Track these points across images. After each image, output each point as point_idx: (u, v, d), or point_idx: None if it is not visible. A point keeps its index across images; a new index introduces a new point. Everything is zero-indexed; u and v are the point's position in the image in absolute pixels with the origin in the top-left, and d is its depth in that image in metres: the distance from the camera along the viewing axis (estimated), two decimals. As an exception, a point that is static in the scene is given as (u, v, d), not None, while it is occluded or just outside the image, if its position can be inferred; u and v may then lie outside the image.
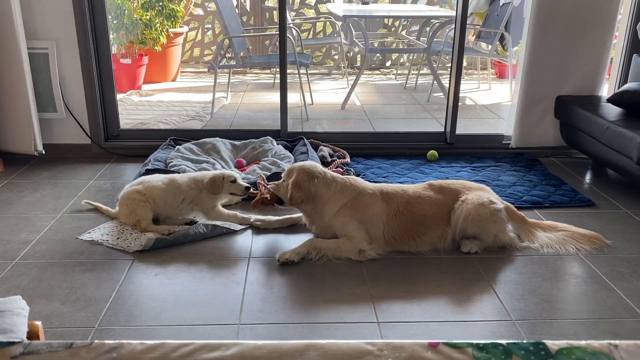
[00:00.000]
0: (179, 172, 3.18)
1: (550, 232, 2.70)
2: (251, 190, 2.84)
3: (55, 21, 3.54)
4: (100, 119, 3.78)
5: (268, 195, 2.71)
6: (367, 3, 6.47)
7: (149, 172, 3.16)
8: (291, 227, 2.82)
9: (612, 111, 3.32)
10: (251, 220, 2.82)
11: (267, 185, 2.86)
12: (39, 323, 1.47)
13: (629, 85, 3.37)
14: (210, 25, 7.27)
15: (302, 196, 2.54)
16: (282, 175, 2.69)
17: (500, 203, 2.61)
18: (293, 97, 4.87)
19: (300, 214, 2.78)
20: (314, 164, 2.70)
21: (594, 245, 2.64)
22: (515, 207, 3.02)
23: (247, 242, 2.69)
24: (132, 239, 2.64)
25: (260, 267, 2.45)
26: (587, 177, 3.59)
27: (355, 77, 5.47)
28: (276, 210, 2.83)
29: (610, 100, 3.38)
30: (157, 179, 2.85)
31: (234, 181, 2.79)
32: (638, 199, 3.19)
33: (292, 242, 2.66)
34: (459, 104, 3.95)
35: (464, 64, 5.17)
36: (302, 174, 2.56)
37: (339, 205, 2.54)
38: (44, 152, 3.64)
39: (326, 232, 2.61)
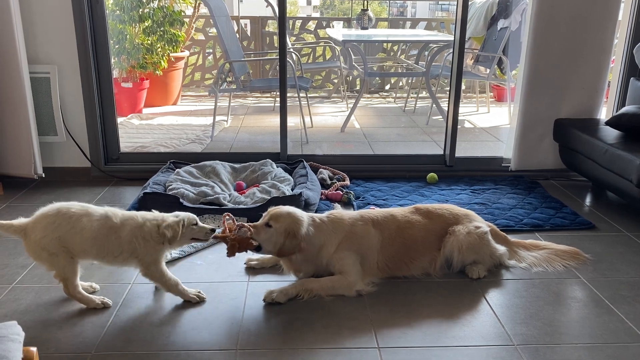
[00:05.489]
0: (175, 196, 3.17)
1: (534, 250, 2.75)
2: (216, 232, 2.32)
3: (57, 46, 3.57)
4: (101, 142, 3.80)
5: (253, 241, 2.32)
6: (366, 28, 6.55)
7: (147, 195, 3.16)
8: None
9: (611, 134, 3.33)
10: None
11: (244, 225, 2.34)
12: (34, 349, 1.45)
13: (627, 109, 3.39)
14: (211, 50, 7.35)
15: (297, 246, 2.33)
16: (266, 219, 2.38)
17: (485, 226, 2.64)
18: (293, 120, 4.90)
19: None
20: (300, 210, 2.47)
21: (577, 261, 2.70)
22: (516, 230, 3.04)
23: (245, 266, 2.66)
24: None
25: (259, 292, 2.41)
26: (587, 200, 3.59)
27: (354, 101, 5.50)
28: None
29: (609, 123, 3.39)
30: (82, 209, 2.19)
31: (196, 224, 2.27)
32: (638, 222, 3.18)
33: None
34: (458, 126, 3.97)
35: (463, 87, 5.21)
36: (295, 222, 2.36)
37: (336, 244, 2.45)
38: (43, 176, 3.64)
39: (322, 273, 2.48)
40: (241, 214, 3.09)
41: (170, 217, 2.26)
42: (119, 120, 4.24)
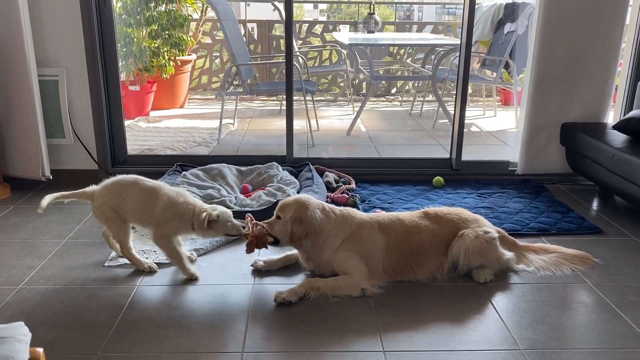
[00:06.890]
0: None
1: (542, 254, 2.74)
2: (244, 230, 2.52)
3: (65, 49, 3.60)
4: (108, 144, 3.82)
5: (268, 237, 2.46)
6: (372, 31, 6.55)
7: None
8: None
9: (618, 138, 3.32)
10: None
11: (258, 223, 2.59)
12: (40, 350, 1.46)
13: (634, 112, 3.37)
14: (218, 53, 7.38)
15: (304, 230, 2.41)
16: (275, 211, 2.51)
17: (494, 231, 2.63)
18: (299, 124, 4.91)
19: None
20: (308, 196, 2.60)
21: (585, 265, 2.69)
22: (522, 234, 3.03)
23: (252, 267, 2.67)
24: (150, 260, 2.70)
25: (265, 294, 2.42)
26: (594, 204, 3.57)
27: (360, 104, 5.51)
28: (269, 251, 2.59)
29: (616, 127, 3.38)
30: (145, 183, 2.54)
31: (230, 221, 2.46)
32: (646, 226, 3.17)
33: (297, 269, 2.64)
34: (465, 130, 3.96)
35: (469, 91, 5.20)
36: (300, 207, 2.44)
37: (340, 239, 2.47)
38: (51, 178, 3.66)
39: (325, 269, 2.51)
40: (247, 217, 3.09)
41: (208, 207, 2.47)
42: (126, 122, 4.26)
